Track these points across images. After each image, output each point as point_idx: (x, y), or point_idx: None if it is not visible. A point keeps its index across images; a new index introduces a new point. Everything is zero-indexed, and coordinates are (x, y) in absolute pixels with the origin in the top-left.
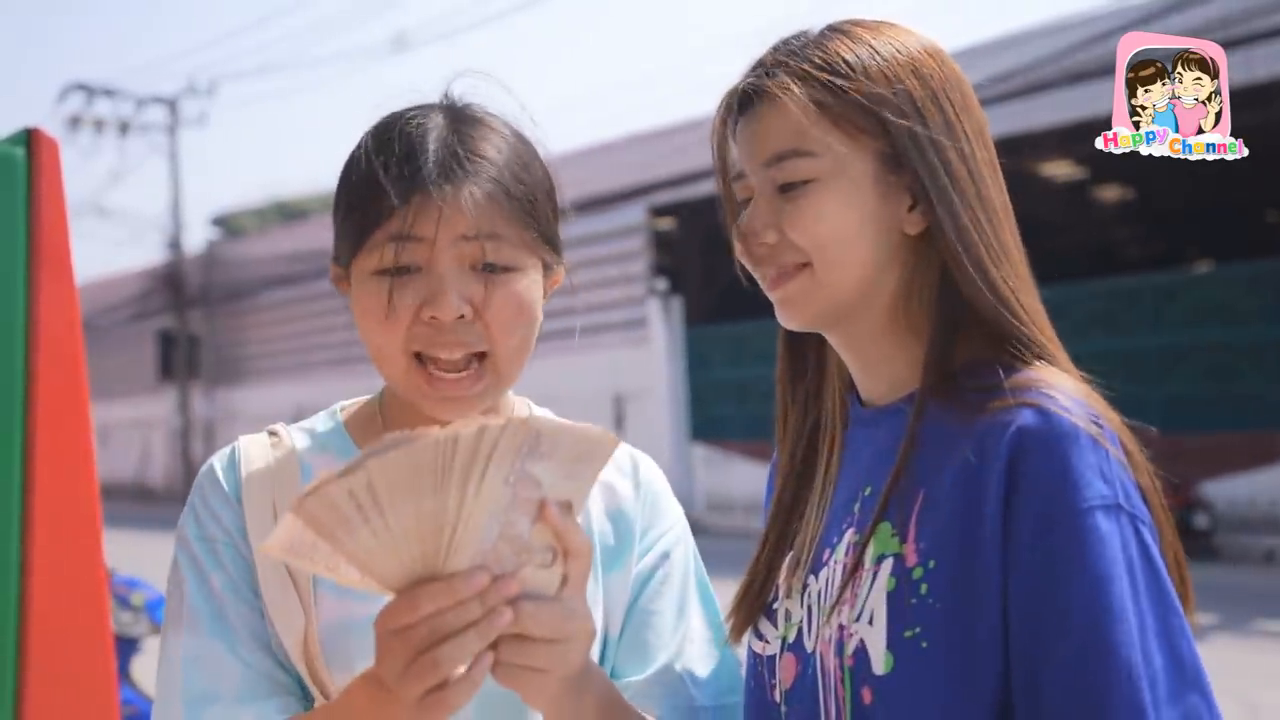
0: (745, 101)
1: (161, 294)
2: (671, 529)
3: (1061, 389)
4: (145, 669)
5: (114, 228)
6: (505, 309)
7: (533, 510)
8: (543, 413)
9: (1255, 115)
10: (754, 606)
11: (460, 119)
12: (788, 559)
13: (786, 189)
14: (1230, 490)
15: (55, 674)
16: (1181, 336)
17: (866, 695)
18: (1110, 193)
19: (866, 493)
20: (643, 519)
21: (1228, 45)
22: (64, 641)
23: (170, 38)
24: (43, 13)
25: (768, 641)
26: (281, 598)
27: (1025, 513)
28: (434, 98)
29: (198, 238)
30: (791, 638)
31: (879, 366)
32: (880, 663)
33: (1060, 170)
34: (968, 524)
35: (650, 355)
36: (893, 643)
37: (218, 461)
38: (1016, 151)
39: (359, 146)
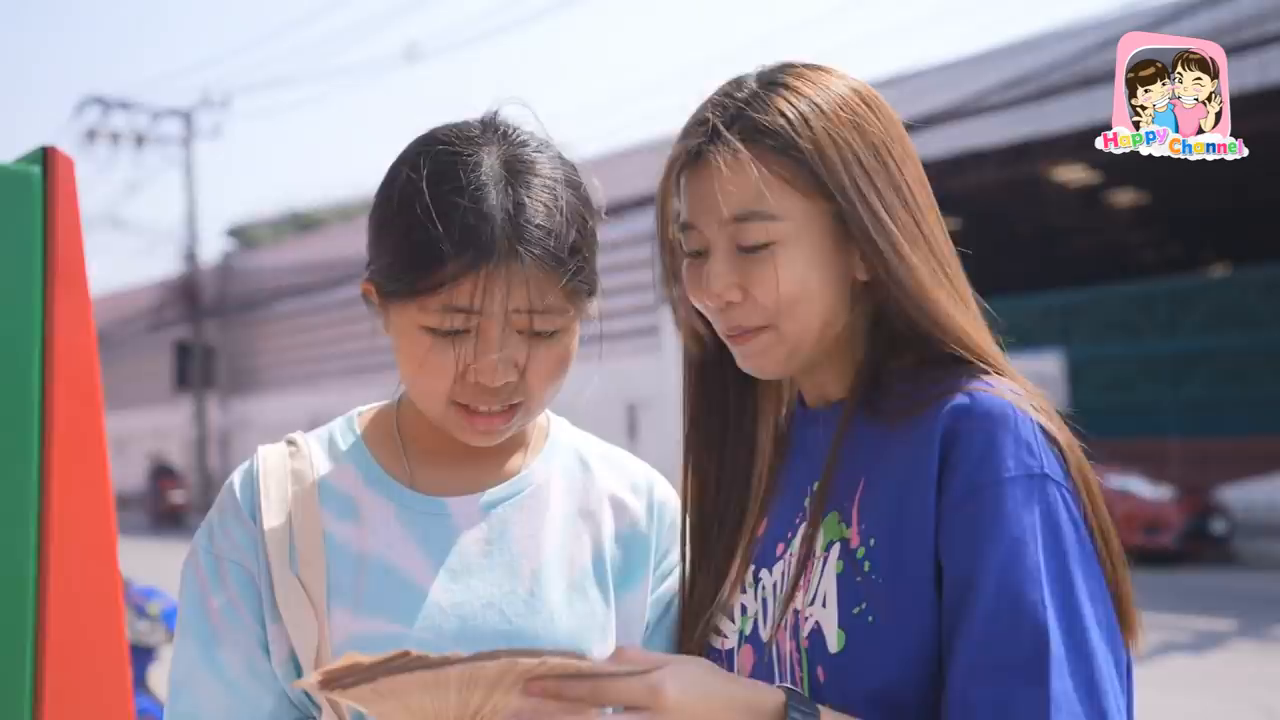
0: (694, 155)
1: (177, 305)
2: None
3: (995, 380)
4: (161, 678)
5: (130, 239)
6: (549, 369)
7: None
8: (559, 422)
9: (1269, 119)
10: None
11: (513, 168)
12: (738, 556)
13: (747, 249)
14: (1248, 495)
15: (71, 683)
16: (1198, 341)
17: (821, 674)
18: (1125, 197)
19: (814, 488)
20: (659, 541)
21: (1241, 48)
22: (79, 651)
23: (184, 51)
24: (59, 27)
25: (726, 637)
26: (298, 611)
27: (953, 483)
28: (456, 98)
29: (213, 249)
30: (748, 630)
31: (822, 382)
32: (834, 641)
33: (1075, 175)
34: (905, 501)
35: (663, 363)
36: (843, 621)
37: (237, 476)
38: (1030, 157)
39: (410, 179)
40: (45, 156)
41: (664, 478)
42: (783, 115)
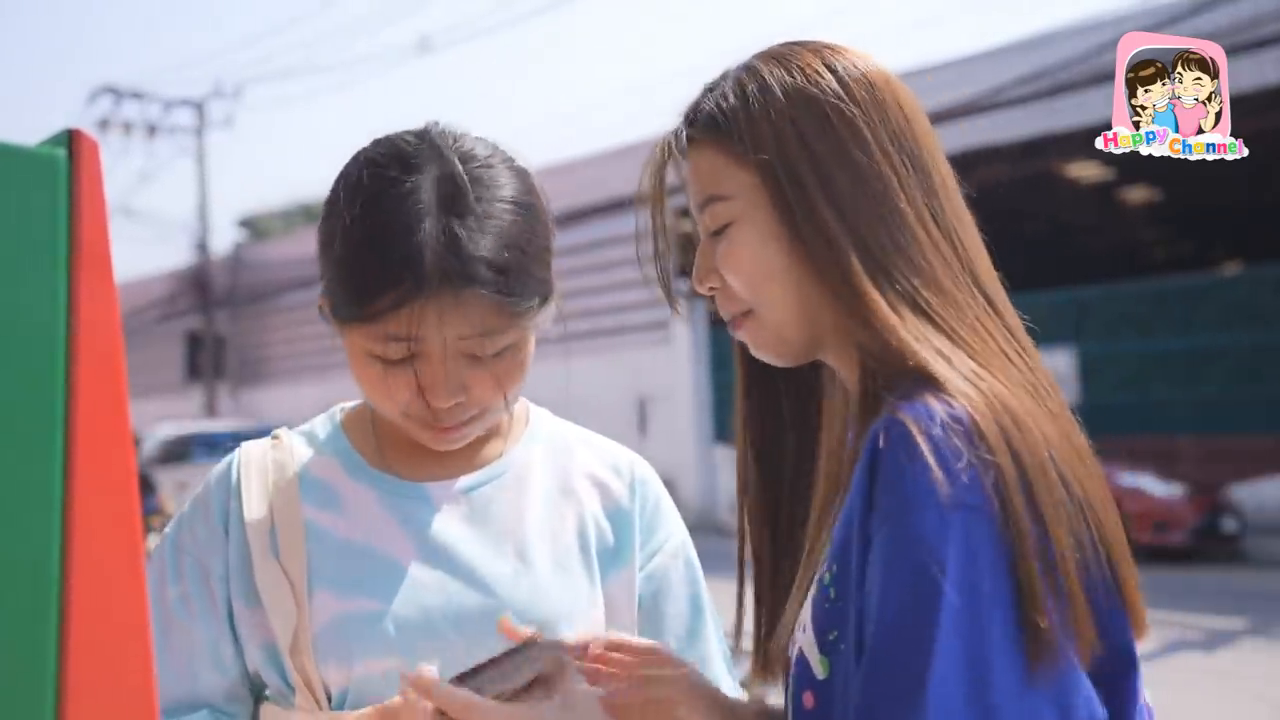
0: (670, 152)
1: (188, 295)
2: (674, 535)
3: (931, 396)
4: None
5: (142, 229)
6: (500, 383)
7: None
8: (539, 411)
9: None
10: (770, 647)
11: (449, 191)
12: (801, 569)
13: (716, 234)
14: (1259, 494)
15: (96, 669)
16: (1210, 339)
17: (808, 699)
18: (1138, 194)
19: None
20: (643, 521)
21: (1261, 44)
22: (104, 636)
23: (197, 41)
24: (71, 17)
25: (793, 645)
26: (277, 595)
27: (872, 512)
28: (467, 89)
29: (224, 239)
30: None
31: (850, 380)
32: (819, 668)
33: (1088, 171)
34: (848, 529)
35: (673, 357)
36: (823, 647)
37: (215, 473)
38: (1043, 153)
39: (348, 204)
40: (70, 139)
41: (645, 461)
42: (725, 98)
